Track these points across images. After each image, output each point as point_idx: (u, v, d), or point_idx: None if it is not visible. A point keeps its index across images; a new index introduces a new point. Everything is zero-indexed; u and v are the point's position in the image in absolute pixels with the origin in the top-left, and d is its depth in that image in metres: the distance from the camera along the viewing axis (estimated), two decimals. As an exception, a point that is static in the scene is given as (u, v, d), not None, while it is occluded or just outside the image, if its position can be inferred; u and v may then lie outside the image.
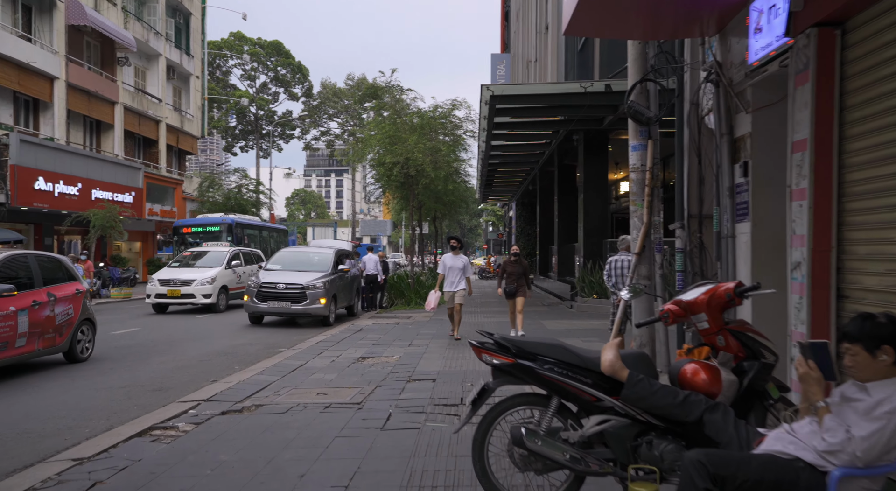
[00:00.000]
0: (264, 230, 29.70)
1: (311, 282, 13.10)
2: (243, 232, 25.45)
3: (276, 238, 30.78)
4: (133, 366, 8.21)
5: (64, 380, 7.38)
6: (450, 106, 18.77)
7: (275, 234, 31.22)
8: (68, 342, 8.14)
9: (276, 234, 31.61)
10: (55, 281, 7.89)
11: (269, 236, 29.81)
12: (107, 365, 8.30)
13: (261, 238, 28.20)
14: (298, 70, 61.23)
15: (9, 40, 22.08)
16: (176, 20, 34.91)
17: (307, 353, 9.21)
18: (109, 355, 9.07)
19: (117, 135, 28.93)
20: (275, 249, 25.41)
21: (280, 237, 31.83)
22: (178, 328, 13.01)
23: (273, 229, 31.68)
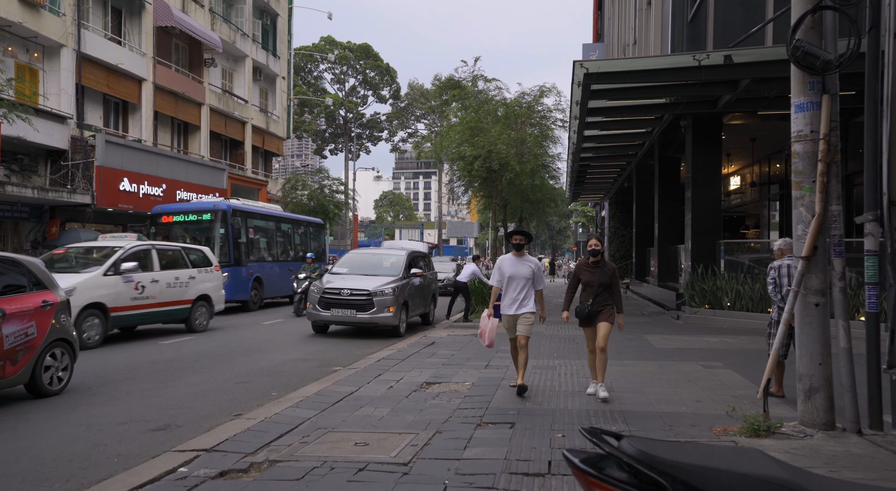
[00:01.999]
0: (285, 222, 21.88)
1: (379, 288, 11.71)
2: (246, 223, 18.45)
3: (305, 234, 23.15)
4: (152, 390, 6.91)
5: (55, 412, 6.08)
6: (537, 93, 16.94)
7: (303, 228, 23.15)
8: (27, 372, 6.09)
9: (306, 228, 23.44)
10: (9, 291, 6.07)
11: (294, 231, 22.29)
12: (120, 389, 6.93)
13: (280, 233, 21.31)
14: (387, 72, 61.22)
15: (98, 42, 22.32)
16: (263, 21, 34.99)
17: (363, 374, 7.75)
18: (138, 374, 7.94)
19: (203, 136, 29.06)
20: (302, 248, 22.04)
21: (314, 233, 24.12)
22: (235, 338, 11.98)
23: (299, 222, 23.28)
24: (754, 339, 11.26)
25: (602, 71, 11.87)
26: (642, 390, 6.79)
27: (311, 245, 23.09)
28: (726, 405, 5.91)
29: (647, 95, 13.30)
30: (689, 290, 14.60)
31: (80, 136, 21.30)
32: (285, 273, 19.75)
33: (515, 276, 6.70)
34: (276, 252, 20.71)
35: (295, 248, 21.99)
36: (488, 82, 17.48)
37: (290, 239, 22.05)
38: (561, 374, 7.86)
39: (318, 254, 23.01)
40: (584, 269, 6.73)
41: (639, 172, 24.34)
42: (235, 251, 17.45)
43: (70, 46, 21.04)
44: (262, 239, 19.87)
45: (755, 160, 20.46)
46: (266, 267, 19.29)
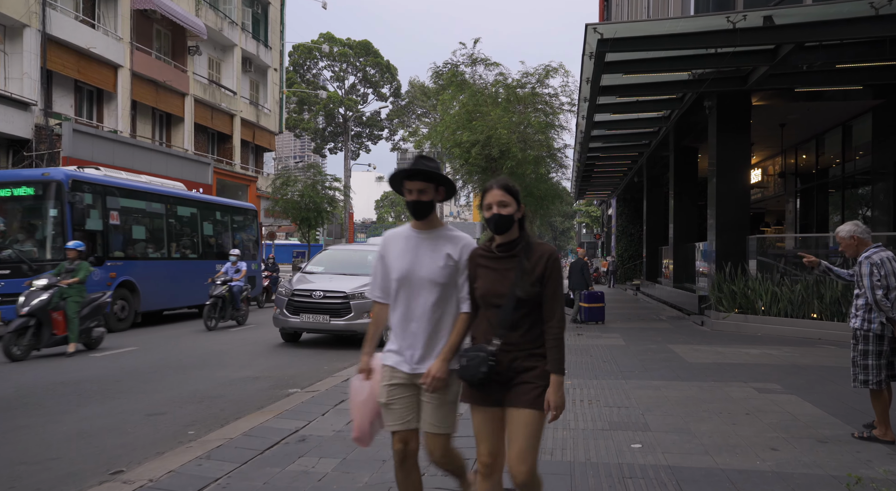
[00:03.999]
0: (185, 205, 15.86)
1: (358, 289, 9.96)
2: (104, 203, 12.91)
3: (223, 223, 17.61)
4: (26, 428, 5.12)
5: None
6: (542, 73, 15.18)
7: (219, 215, 17.48)
8: None
9: (226, 216, 17.86)
10: None
11: (203, 219, 16.51)
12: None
13: (176, 220, 15.44)
14: (387, 69, 59.76)
15: (67, 24, 20.65)
16: (253, 10, 33.33)
17: (320, 400, 6.02)
18: (31, 401, 6.20)
19: (187, 128, 27.37)
20: (219, 242, 17.12)
21: (240, 222, 18.65)
22: (188, 348, 10.24)
23: (212, 207, 17.26)
24: (803, 350, 9.50)
25: (619, 36, 10.12)
26: (689, 429, 5.03)
27: (231, 238, 17.80)
28: (824, 457, 4.17)
29: (669, 68, 11.55)
30: (715, 292, 12.84)
31: (45, 125, 19.62)
32: (189, 275, 15.11)
33: (410, 278, 2.79)
34: (168, 246, 14.94)
35: (205, 241, 16.51)
36: (489, 67, 15.71)
37: (197, 229, 16.26)
38: (575, 400, 6.12)
39: (247, 249, 18.49)
40: (482, 262, 2.73)
41: (650, 166, 22.60)
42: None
43: (34, 26, 19.36)
44: (137, 227, 14.03)
45: (783, 149, 18.69)
46: (147, 267, 13.76)
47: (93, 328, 9.61)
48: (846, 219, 15.87)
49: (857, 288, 4.82)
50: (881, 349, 4.70)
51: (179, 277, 14.92)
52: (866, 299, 4.73)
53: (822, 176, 17.23)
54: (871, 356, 4.72)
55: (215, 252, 16.72)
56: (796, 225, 18.51)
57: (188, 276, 15.19)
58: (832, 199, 16.90)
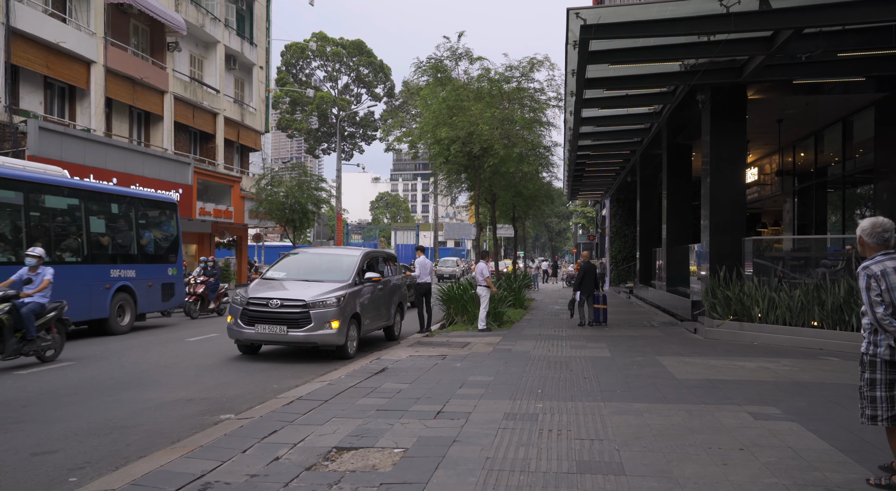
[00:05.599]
0: (60, 194, 12.39)
1: (319, 297, 9.13)
2: None
3: (124, 218, 14.19)
4: None
5: None
6: (527, 66, 14.38)
7: (115, 208, 13.93)
8: None
9: (127, 209, 14.27)
10: None
11: (90, 213, 12.95)
12: None
13: (38, 214, 11.83)
14: (380, 69, 59.09)
15: (34, 17, 19.78)
16: (238, 6, 32.48)
17: (249, 431, 5.19)
18: None
19: (167, 127, 26.51)
20: (116, 240, 13.75)
21: (152, 218, 15.45)
22: (133, 361, 9.41)
23: (104, 197, 13.74)
24: (804, 363, 8.70)
25: (604, 21, 9.33)
26: (671, 471, 4.21)
27: (136, 237, 14.40)
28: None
29: (659, 58, 10.75)
30: (708, 297, 12.05)
31: (9, 122, 18.76)
32: (62, 284, 10.71)
33: None
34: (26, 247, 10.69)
35: (93, 241, 12.95)
36: (474, 62, 14.91)
37: (80, 226, 12.70)
38: (542, 430, 5.31)
39: (164, 251, 15.51)
40: None
41: (643, 165, 21.81)
42: None
43: (-1, 20, 18.51)
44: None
45: (780, 146, 17.90)
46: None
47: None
48: (846, 219, 15.07)
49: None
50: (892, 378, 3.89)
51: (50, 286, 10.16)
52: (870, 318, 3.92)
53: (821, 174, 16.44)
54: (879, 386, 3.90)
55: (110, 254, 13.44)
56: (794, 226, 17.74)
57: (62, 284, 10.86)
58: (832, 198, 16.12)
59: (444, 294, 14.46)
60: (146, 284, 14.25)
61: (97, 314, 12.51)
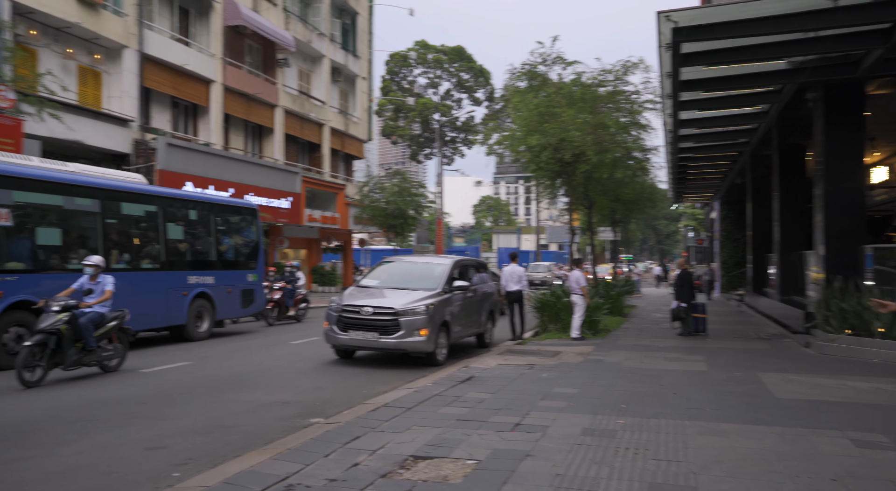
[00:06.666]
0: (137, 201, 12.41)
1: (409, 305, 9.45)
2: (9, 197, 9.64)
3: (204, 224, 14.16)
4: (14, 462, 5.03)
5: None
6: (621, 70, 14.07)
7: (195, 214, 14.05)
8: None
9: (210, 217, 14.29)
10: None
11: (168, 218, 12.93)
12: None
13: (115, 221, 11.80)
14: (480, 74, 59.56)
15: (163, 43, 21.74)
16: (342, 21, 33.96)
17: (334, 436, 5.51)
18: (44, 426, 6.03)
19: (277, 139, 28.20)
20: (198, 247, 13.88)
21: (234, 224, 15.52)
22: (240, 363, 10.13)
23: (189, 205, 14.08)
24: (925, 387, 7.95)
25: (697, 23, 9.01)
26: (748, 501, 4.06)
27: (216, 243, 14.34)
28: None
29: (760, 57, 10.20)
30: (822, 309, 11.25)
31: (142, 139, 20.71)
32: (142, 291, 11.64)
33: None
34: (104, 255, 10.67)
35: (171, 248, 12.93)
36: (568, 66, 14.78)
37: (158, 232, 12.65)
38: (619, 448, 5.24)
39: (244, 257, 15.37)
40: None
41: (753, 165, 20.62)
42: None
43: (133, 47, 20.50)
44: (47, 229, 10.57)
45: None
46: (62, 282, 9.32)
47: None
48: None
49: None
50: None
51: (125, 293, 10.28)
52: None
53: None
54: None
55: (188, 261, 13.47)
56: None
57: (141, 291, 11.54)
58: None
59: (538, 302, 14.42)
60: (225, 291, 14.07)
61: (175, 321, 12.51)
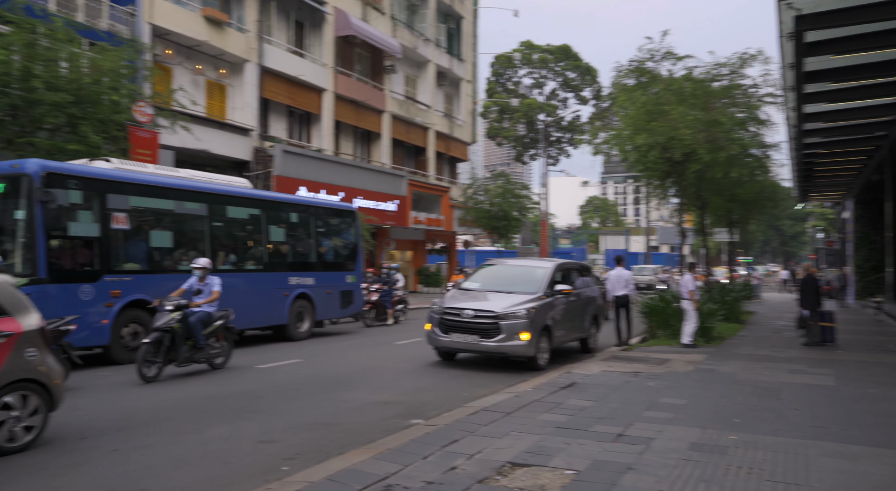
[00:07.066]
0: (242, 204, 12.85)
1: (510, 309, 9.41)
2: (101, 202, 9.93)
3: (307, 229, 14.42)
4: (144, 449, 5.38)
5: None
6: (737, 62, 13.27)
7: (296, 218, 14.20)
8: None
9: (310, 219, 14.57)
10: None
11: (269, 221, 13.30)
12: (106, 445, 5.42)
13: (221, 224, 12.31)
14: (587, 72, 58.32)
15: (280, 56, 23.03)
16: (447, 25, 34.44)
17: (432, 439, 5.59)
18: (161, 418, 6.49)
19: (385, 143, 29.05)
20: (297, 249, 14.05)
21: (333, 226, 15.70)
22: (346, 362, 10.51)
23: (290, 208, 14.28)
24: None
25: (822, 10, 8.32)
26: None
27: (316, 245, 14.53)
28: None
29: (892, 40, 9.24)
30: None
31: (261, 147, 22.04)
32: (248, 291, 12.16)
33: None
34: (211, 256, 11.30)
35: (273, 249, 13.39)
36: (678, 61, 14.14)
37: (261, 234, 13.10)
38: (730, 466, 4.93)
39: (343, 259, 15.56)
40: None
41: (894, 160, 18.72)
42: (53, 253, 9.15)
43: (253, 61, 21.87)
44: (160, 232, 11.08)
45: None
46: (173, 283, 9.95)
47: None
48: None
49: None
50: None
51: (231, 294, 10.74)
52: None
53: None
54: None
55: (289, 262, 13.73)
56: None
57: (245, 292, 11.99)
58: None
59: (646, 306, 13.90)
60: (324, 292, 14.26)
61: (276, 320, 12.88)
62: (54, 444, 5.45)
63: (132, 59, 14.22)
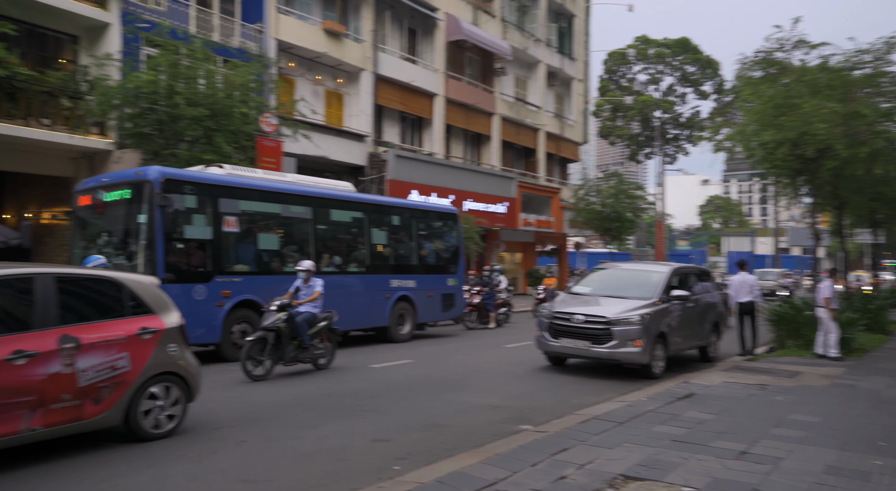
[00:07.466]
0: (345, 208, 13.06)
1: (622, 314, 9.11)
2: (213, 206, 10.40)
3: (409, 232, 14.57)
4: (268, 442, 5.70)
5: (127, 465, 5.30)
6: (882, 46, 12.07)
7: (397, 220, 14.28)
8: (118, 412, 5.18)
9: (412, 222, 14.71)
10: (100, 315, 5.18)
11: (370, 224, 13.38)
12: (235, 436, 5.83)
13: (331, 226, 12.83)
14: (708, 65, 55.32)
15: (393, 63, 23.74)
16: (559, 24, 33.99)
17: (542, 446, 5.52)
18: (283, 413, 6.83)
19: (494, 146, 29.13)
20: (400, 251, 14.13)
21: (436, 229, 15.66)
22: (455, 364, 10.62)
23: (392, 210, 14.36)
24: None
25: None
26: None
27: (417, 247, 14.59)
28: None
29: None
30: None
31: (375, 153, 22.81)
32: (350, 293, 12.41)
33: None
34: (315, 258, 11.58)
35: (375, 252, 13.41)
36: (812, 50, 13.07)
37: (364, 237, 13.22)
38: (874, 494, 4.49)
39: (445, 262, 15.45)
40: None
41: None
42: (171, 254, 9.66)
43: (368, 70, 22.70)
44: (267, 235, 11.51)
45: None
46: (280, 284, 10.36)
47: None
48: None
49: None
50: None
51: (334, 295, 10.98)
52: None
53: None
54: None
55: (391, 265, 13.83)
56: None
57: (348, 294, 12.26)
58: None
59: (774, 314, 12.97)
60: (426, 294, 14.29)
61: (378, 322, 13.01)
62: (191, 432, 5.94)
63: (259, 74, 15.23)
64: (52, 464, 4.97)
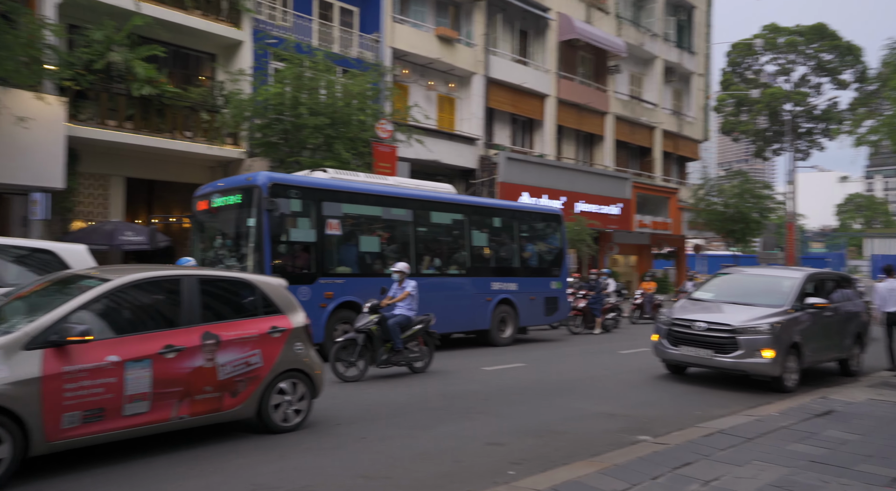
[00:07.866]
0: (445, 210, 12.98)
1: (749, 323, 8.55)
2: (317, 210, 10.62)
3: (510, 234, 14.31)
4: (387, 439, 5.85)
5: (260, 455, 5.59)
6: None
7: (498, 222, 14.15)
8: (251, 405, 5.57)
9: (514, 223, 14.44)
10: (235, 314, 5.59)
11: (477, 226, 13.41)
12: (355, 433, 6.03)
13: (425, 229, 12.57)
14: (848, 51, 50.77)
15: (504, 66, 23.76)
16: (677, 17, 32.53)
17: (659, 460, 5.30)
18: (399, 413, 6.96)
19: (607, 146, 28.35)
20: (489, 256, 13.61)
21: (539, 230, 15.31)
22: (568, 370, 10.41)
23: (493, 212, 14.20)
24: None
25: None
26: None
27: (519, 249, 14.33)
28: None
29: None
30: None
31: (486, 156, 22.92)
32: (449, 296, 12.36)
33: None
34: (416, 260, 11.84)
35: (476, 254, 13.26)
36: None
37: (464, 239, 13.09)
38: None
39: (548, 265, 15.00)
40: None
41: None
42: (277, 256, 9.94)
43: (480, 73, 22.84)
44: (369, 237, 11.60)
45: None
46: (380, 286, 10.66)
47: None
48: None
49: None
50: None
51: (434, 298, 11.38)
52: None
53: None
54: None
55: (492, 267, 13.64)
56: None
57: (448, 296, 12.27)
58: None
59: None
60: (528, 298, 13.97)
61: (479, 325, 12.84)
62: (315, 427, 6.25)
63: (376, 82, 15.79)
64: (198, 449, 5.42)
